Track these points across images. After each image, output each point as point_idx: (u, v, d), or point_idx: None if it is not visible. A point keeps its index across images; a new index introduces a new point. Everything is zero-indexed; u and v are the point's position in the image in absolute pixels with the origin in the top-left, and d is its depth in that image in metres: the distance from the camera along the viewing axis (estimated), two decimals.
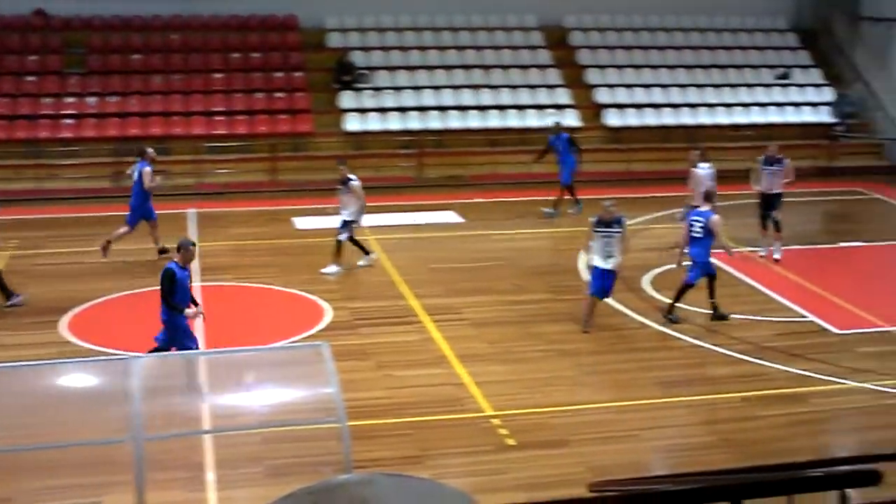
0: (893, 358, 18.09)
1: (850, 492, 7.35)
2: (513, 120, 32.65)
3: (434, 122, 32.28)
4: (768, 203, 23.11)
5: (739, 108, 34.28)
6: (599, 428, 15.25)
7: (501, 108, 32.89)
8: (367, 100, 32.57)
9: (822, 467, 9.30)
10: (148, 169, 22.71)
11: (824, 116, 34.62)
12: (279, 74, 33.02)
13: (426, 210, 26.97)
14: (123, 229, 22.86)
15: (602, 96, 33.93)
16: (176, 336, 15.54)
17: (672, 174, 30.59)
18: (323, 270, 21.94)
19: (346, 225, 22.16)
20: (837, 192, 30.09)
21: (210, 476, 13.66)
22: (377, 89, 32.89)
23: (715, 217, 19.52)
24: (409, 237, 24.24)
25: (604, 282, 18.65)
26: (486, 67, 34.01)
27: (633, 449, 14.67)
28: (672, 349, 18.27)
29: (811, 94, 35.21)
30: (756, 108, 34.38)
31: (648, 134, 33.13)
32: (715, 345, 18.38)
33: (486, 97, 33.16)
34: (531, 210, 27.62)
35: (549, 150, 27.84)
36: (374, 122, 32.06)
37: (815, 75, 35.98)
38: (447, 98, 32.96)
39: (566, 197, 27.46)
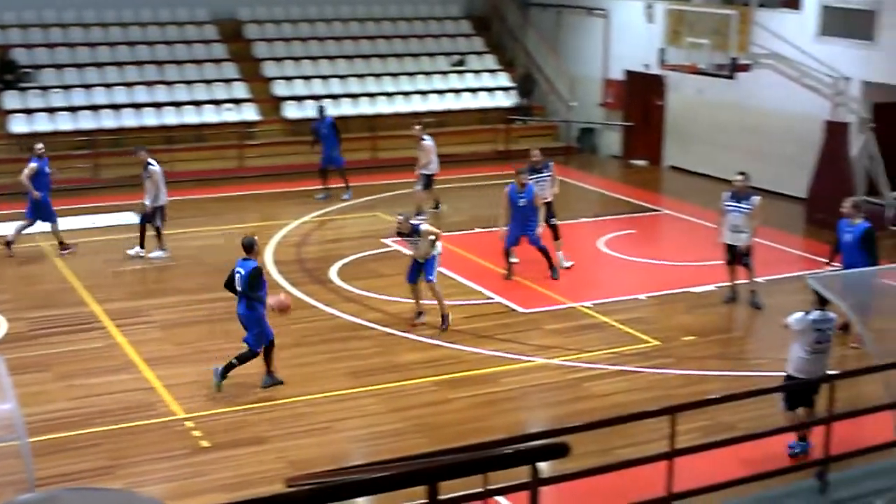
0: (576, 333, 18.62)
1: (541, 465, 7.47)
2: (190, 116, 32.03)
3: (108, 120, 31.31)
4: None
5: (418, 95, 34.63)
6: (295, 422, 15.12)
7: (177, 104, 32.20)
8: (34, 99, 31.29)
9: (514, 444, 9.46)
10: (34, 165, 22.67)
11: (501, 101, 35.35)
12: None
13: (105, 212, 26.09)
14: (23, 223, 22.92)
15: (280, 89, 33.69)
16: (263, 329, 16.11)
17: (352, 164, 30.72)
18: (150, 255, 22.50)
19: (157, 211, 22.46)
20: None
21: None
22: (44, 88, 31.65)
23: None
24: (88, 241, 23.46)
25: (420, 270, 18.56)
26: (160, 63, 33.24)
27: (330, 441, 14.60)
28: (362, 339, 18.27)
29: (487, 80, 35.90)
30: (434, 95, 34.80)
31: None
32: (404, 332, 18.49)
33: (161, 94, 32.40)
34: (207, 207, 27.23)
35: (315, 135, 27.80)
36: (42, 123, 30.81)
37: (490, 61, 36.71)
38: (121, 96, 32.03)
39: (331, 184, 27.96)
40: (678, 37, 26.02)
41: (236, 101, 32.66)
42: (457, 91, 35.11)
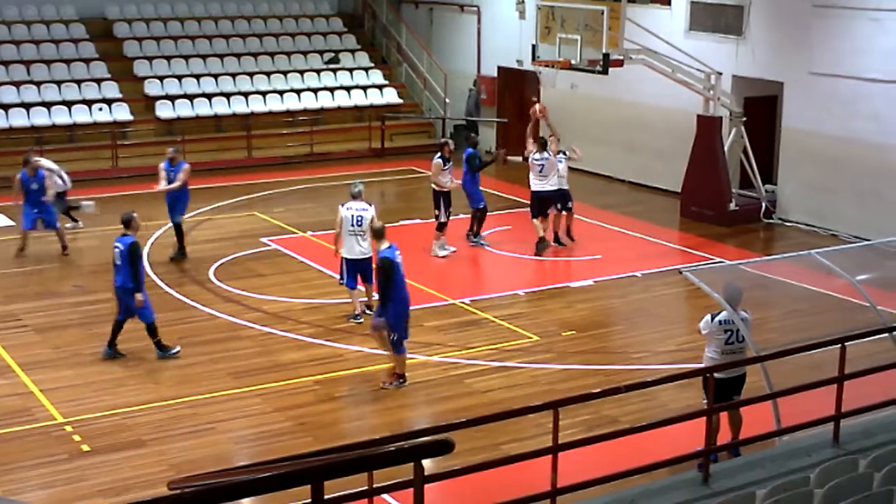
0: (456, 329, 18.69)
1: (426, 462, 7.49)
2: (61, 116, 31.46)
3: None
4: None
5: (292, 94, 34.41)
6: (176, 424, 14.97)
7: (47, 104, 31.62)
8: None
9: (398, 442, 9.47)
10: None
11: (375, 98, 35.28)
12: None
13: None
14: None
15: (152, 88, 33.26)
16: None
17: (227, 164, 30.65)
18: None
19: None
20: (392, 172, 30.82)
21: None
22: None
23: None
24: None
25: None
26: (28, 62, 32.61)
27: (212, 442, 14.48)
28: (242, 339, 18.15)
29: (360, 78, 35.81)
30: (308, 93, 34.60)
31: (202, 124, 32.76)
32: (285, 331, 18.40)
33: (30, 94, 31.77)
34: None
35: None
36: None
37: (363, 59, 36.62)
38: None
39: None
40: (550, 33, 26.22)
41: (108, 101, 32.18)
42: (331, 89, 34.95)
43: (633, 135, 29.49)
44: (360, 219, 18.44)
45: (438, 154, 22.74)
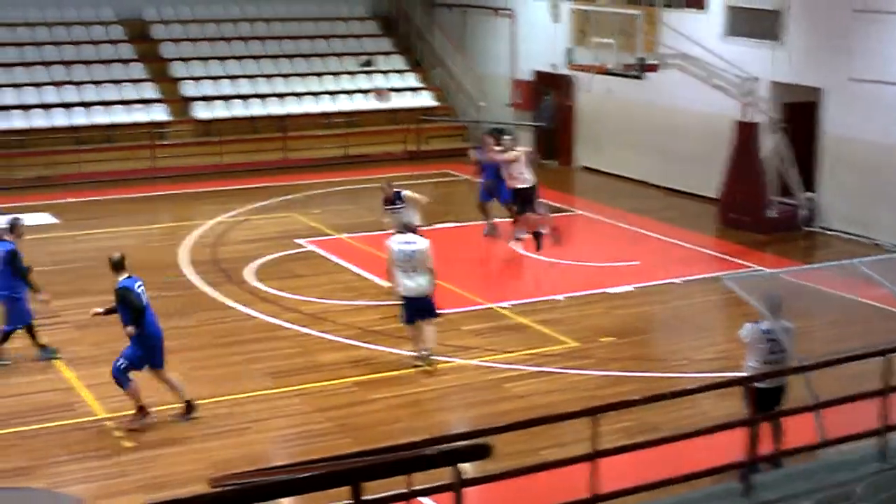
0: (495, 333, 18.66)
1: (464, 466, 7.50)
2: (99, 116, 31.67)
3: (17, 121, 30.88)
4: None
5: (327, 96, 34.52)
6: (216, 423, 15.03)
7: (86, 104, 31.82)
8: None
9: (435, 445, 9.47)
10: None
11: (409, 101, 35.31)
12: None
13: (18, 213, 25.63)
14: None
15: (189, 89, 33.41)
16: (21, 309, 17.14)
17: (263, 165, 30.81)
18: None
19: None
20: (428, 175, 30.79)
21: None
22: None
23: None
24: None
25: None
26: (68, 63, 32.84)
27: (251, 441, 14.53)
28: (280, 339, 18.20)
29: (395, 80, 35.85)
30: (343, 95, 34.71)
31: (238, 126, 32.90)
32: (322, 332, 18.44)
33: (70, 94, 32.00)
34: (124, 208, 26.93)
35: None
36: None
37: (398, 61, 36.69)
38: (30, 96, 31.60)
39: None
40: (584, 37, 26.17)
41: (146, 102, 32.35)
42: (365, 91, 34.98)
43: (668, 140, 29.37)
44: (411, 254, 16.99)
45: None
